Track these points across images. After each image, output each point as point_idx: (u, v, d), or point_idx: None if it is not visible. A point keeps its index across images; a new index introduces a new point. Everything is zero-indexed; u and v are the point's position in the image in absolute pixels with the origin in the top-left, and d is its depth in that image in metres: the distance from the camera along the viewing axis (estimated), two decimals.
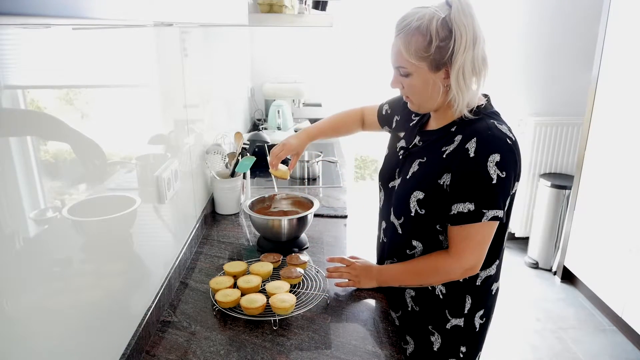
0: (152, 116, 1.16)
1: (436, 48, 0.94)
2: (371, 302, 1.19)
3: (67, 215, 0.73)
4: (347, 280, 1.19)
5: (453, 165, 0.98)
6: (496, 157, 0.94)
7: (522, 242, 3.43)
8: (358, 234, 1.61)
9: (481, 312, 1.13)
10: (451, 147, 1.01)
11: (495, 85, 3.23)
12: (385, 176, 1.21)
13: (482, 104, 1.03)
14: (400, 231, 1.13)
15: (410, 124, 1.20)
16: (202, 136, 1.67)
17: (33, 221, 0.65)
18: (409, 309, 1.17)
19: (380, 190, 1.24)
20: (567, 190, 3.00)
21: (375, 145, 4.67)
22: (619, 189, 2.40)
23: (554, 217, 3.08)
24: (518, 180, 1.02)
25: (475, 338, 1.15)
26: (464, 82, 0.95)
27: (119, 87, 0.96)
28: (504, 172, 0.94)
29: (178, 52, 1.37)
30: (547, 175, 3.23)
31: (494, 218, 0.97)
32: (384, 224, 1.22)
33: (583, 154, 2.70)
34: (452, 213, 0.99)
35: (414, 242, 1.11)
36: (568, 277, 2.96)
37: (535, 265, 3.19)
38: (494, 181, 0.94)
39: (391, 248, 1.19)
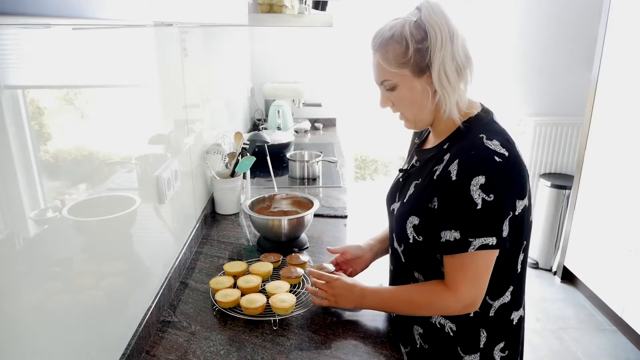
0: (152, 116, 1.16)
1: (414, 51, 0.91)
2: None
3: (67, 215, 0.73)
4: (322, 298, 1.09)
5: (439, 189, 0.92)
6: (480, 180, 0.86)
7: None
8: (358, 234, 1.61)
9: (501, 345, 1.01)
10: (440, 167, 0.94)
11: (495, 85, 3.23)
12: (388, 199, 1.14)
13: (474, 114, 0.96)
14: (403, 259, 1.06)
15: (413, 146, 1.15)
16: (202, 136, 1.67)
17: (33, 221, 0.65)
18: (418, 346, 1.07)
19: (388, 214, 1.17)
20: (567, 190, 3.00)
21: (375, 145, 4.68)
22: (619, 189, 2.40)
23: (554, 217, 3.08)
24: (523, 198, 0.91)
25: None
26: (447, 80, 0.91)
27: (119, 87, 0.96)
28: (491, 196, 0.86)
29: (178, 52, 1.37)
30: (547, 175, 3.23)
31: (483, 247, 0.88)
32: (390, 250, 1.15)
33: (583, 154, 2.70)
34: (441, 241, 0.92)
35: (416, 274, 1.04)
36: (568, 277, 2.96)
37: (535, 265, 3.18)
38: (479, 206, 0.86)
39: (396, 277, 1.12)
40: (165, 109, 1.25)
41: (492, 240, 0.88)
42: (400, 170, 1.12)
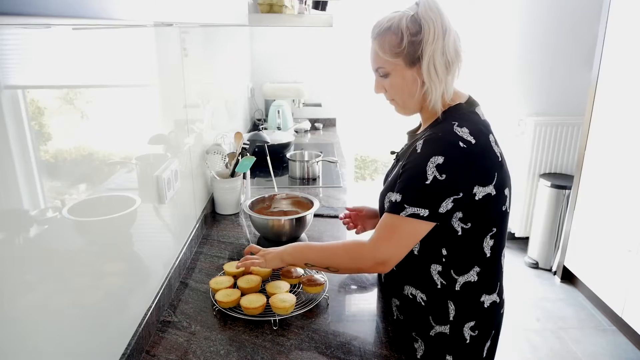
0: (152, 116, 1.16)
1: (408, 43, 0.98)
2: (371, 302, 1.19)
3: (67, 215, 0.73)
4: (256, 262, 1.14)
5: (404, 160, 1.01)
6: (438, 159, 0.93)
7: (522, 242, 3.43)
8: None
9: (471, 324, 1.05)
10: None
11: (495, 85, 3.23)
12: (383, 182, 1.19)
13: (456, 104, 1.02)
14: None
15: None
16: (202, 136, 1.67)
17: (33, 221, 0.65)
18: (395, 317, 1.13)
19: None
20: (567, 190, 3.00)
21: (376, 145, 4.68)
22: (619, 189, 2.40)
23: (554, 217, 3.08)
24: (485, 185, 0.96)
25: (466, 350, 1.06)
26: (436, 72, 0.98)
27: (119, 87, 0.96)
28: (443, 175, 0.93)
29: (178, 52, 1.37)
30: (547, 175, 3.23)
31: (414, 215, 0.95)
32: None
33: (583, 154, 2.70)
34: (385, 201, 1.02)
35: None
36: (568, 277, 2.96)
37: (535, 265, 3.19)
38: (428, 181, 0.93)
39: None
40: (165, 109, 1.25)
41: (423, 212, 0.95)
42: (392, 153, 1.22)
